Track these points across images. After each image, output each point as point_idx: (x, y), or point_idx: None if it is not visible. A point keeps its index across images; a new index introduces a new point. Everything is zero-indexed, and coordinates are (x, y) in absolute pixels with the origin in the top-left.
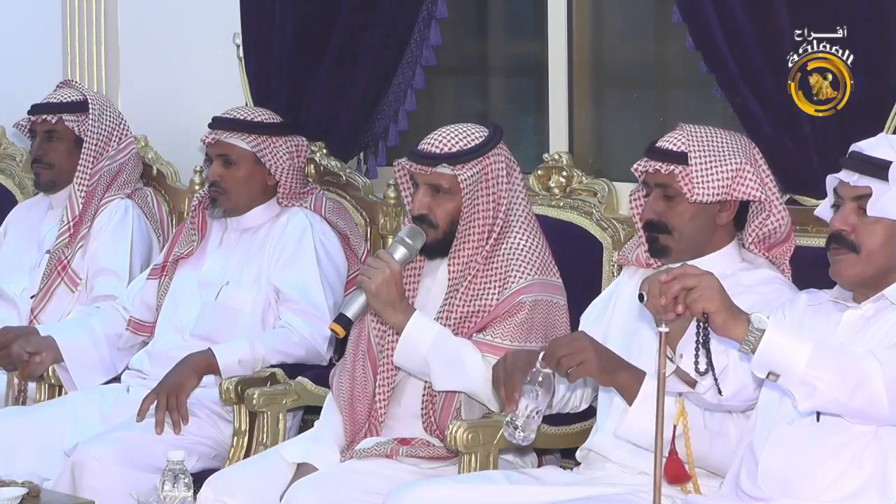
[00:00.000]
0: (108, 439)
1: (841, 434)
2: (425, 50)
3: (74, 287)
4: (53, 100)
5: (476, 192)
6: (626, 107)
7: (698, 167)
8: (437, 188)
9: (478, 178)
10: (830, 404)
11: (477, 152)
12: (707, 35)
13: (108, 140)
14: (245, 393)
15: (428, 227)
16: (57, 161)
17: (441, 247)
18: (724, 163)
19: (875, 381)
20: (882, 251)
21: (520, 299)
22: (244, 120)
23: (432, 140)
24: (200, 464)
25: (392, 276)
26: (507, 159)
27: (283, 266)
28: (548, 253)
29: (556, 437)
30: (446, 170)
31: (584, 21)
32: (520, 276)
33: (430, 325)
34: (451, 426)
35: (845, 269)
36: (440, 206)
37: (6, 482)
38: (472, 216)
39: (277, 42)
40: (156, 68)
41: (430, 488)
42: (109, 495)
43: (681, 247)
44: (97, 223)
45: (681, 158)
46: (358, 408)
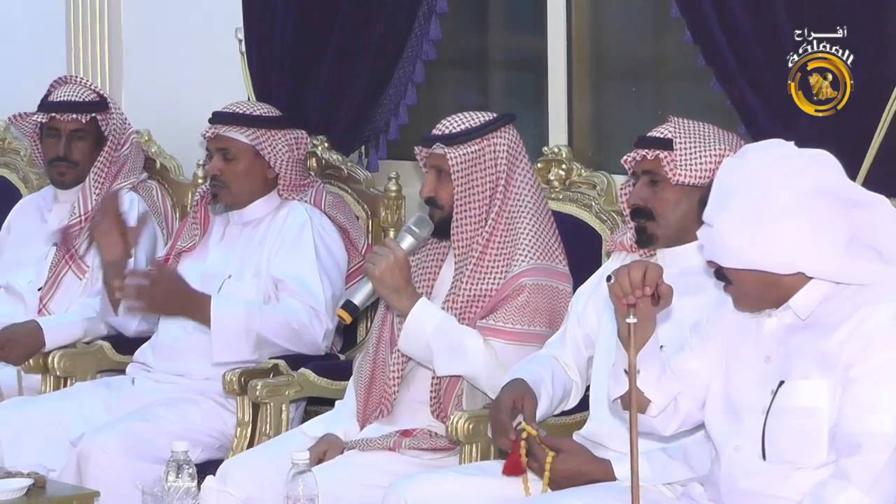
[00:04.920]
0: (113, 430)
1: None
2: (425, 44)
3: (82, 275)
4: (75, 98)
5: (470, 173)
6: (625, 100)
7: (682, 151)
8: (440, 170)
9: (472, 159)
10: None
11: (470, 134)
12: (705, 29)
13: (121, 136)
14: (248, 384)
15: (435, 208)
16: (81, 159)
17: (449, 227)
18: (709, 149)
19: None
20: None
21: (520, 282)
22: (243, 114)
23: (441, 124)
24: (205, 454)
25: (397, 262)
26: (510, 145)
27: (282, 258)
28: (556, 241)
29: (557, 428)
30: (440, 150)
31: (583, 15)
32: (522, 260)
33: (435, 312)
34: (453, 417)
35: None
36: (444, 188)
37: (12, 473)
38: (468, 196)
39: (279, 36)
40: (159, 63)
41: (431, 479)
42: (115, 486)
43: (666, 234)
44: None
45: (666, 144)
46: (374, 391)
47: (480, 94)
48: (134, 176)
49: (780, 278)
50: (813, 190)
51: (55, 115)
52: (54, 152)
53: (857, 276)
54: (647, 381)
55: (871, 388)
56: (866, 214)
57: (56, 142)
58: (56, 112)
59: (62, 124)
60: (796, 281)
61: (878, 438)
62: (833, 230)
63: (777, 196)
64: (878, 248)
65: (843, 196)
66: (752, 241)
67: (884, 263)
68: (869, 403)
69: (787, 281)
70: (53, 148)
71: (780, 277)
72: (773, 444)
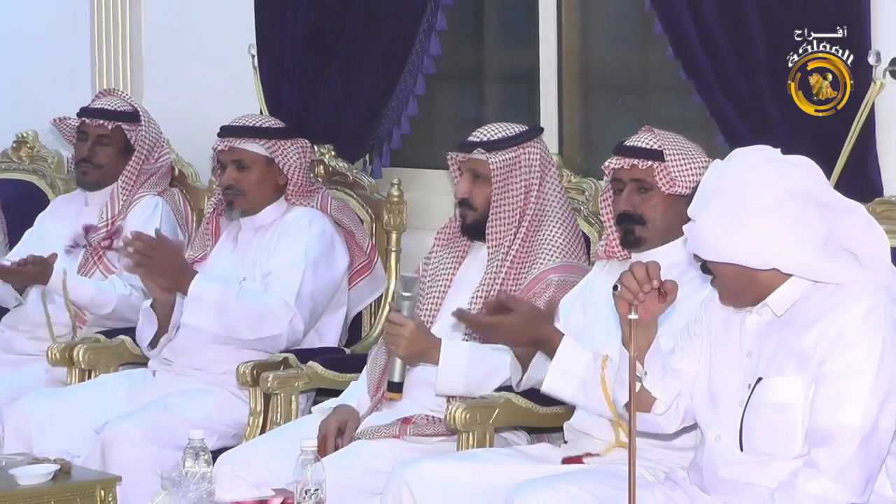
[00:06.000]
0: (135, 419)
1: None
2: (426, 59)
3: (109, 274)
4: (108, 107)
5: (508, 177)
6: (612, 111)
7: (675, 163)
8: (476, 174)
9: (510, 164)
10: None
11: (510, 142)
12: (686, 45)
13: (152, 150)
14: (260, 376)
15: (468, 209)
16: (105, 163)
17: (481, 228)
18: (696, 160)
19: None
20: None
21: (547, 278)
22: (256, 126)
23: (477, 132)
24: (220, 442)
25: (412, 333)
26: (542, 154)
27: (275, 254)
28: (578, 242)
29: (547, 417)
30: (481, 155)
31: (573, 32)
32: (549, 258)
33: (461, 347)
34: (451, 407)
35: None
36: (479, 191)
37: (40, 459)
38: (504, 199)
39: (289, 52)
40: (177, 76)
41: (430, 465)
42: (136, 471)
43: (654, 237)
44: (130, 217)
45: (657, 155)
46: (384, 380)
47: (477, 105)
48: (160, 186)
49: (757, 273)
50: (790, 191)
51: (86, 119)
52: (81, 154)
53: (831, 276)
54: (653, 380)
55: (841, 383)
56: (842, 219)
57: (84, 144)
58: (87, 117)
59: (91, 129)
60: (774, 278)
61: (846, 431)
62: (807, 230)
63: (755, 195)
64: (854, 252)
65: (820, 200)
66: (729, 236)
67: (858, 266)
68: (838, 398)
69: (764, 277)
70: (81, 150)
71: (757, 273)
72: (749, 436)
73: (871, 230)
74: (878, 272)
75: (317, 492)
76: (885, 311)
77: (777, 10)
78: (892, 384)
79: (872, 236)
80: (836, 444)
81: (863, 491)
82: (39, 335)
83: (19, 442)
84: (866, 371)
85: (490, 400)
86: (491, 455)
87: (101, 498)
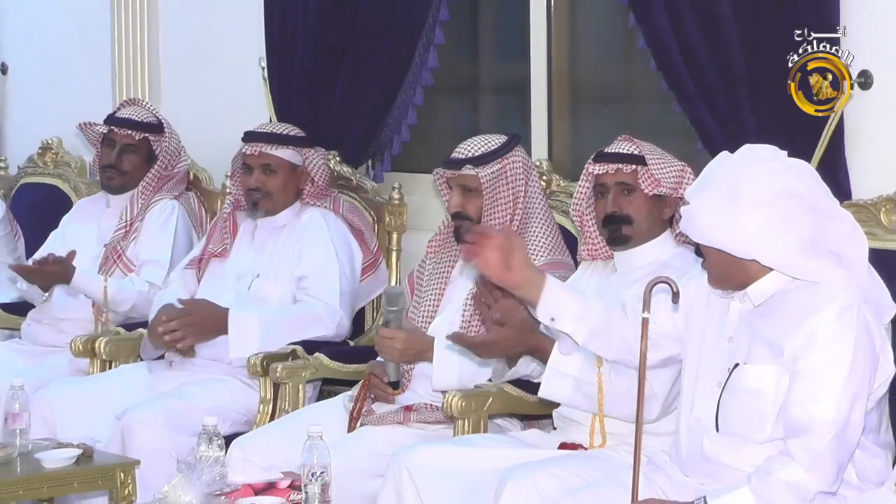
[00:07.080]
0: (153, 406)
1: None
2: (425, 72)
3: (128, 272)
4: (135, 117)
5: (496, 188)
6: (599, 120)
7: (656, 166)
8: (466, 188)
9: (497, 175)
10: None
11: (495, 154)
12: (668, 58)
13: (173, 158)
14: (269, 367)
15: (464, 220)
16: (130, 170)
17: None
18: (673, 163)
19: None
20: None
21: None
22: (285, 134)
23: (460, 149)
24: (232, 428)
25: (403, 342)
26: (524, 161)
27: (305, 258)
28: (560, 239)
29: (538, 405)
30: (471, 171)
31: (561, 46)
32: (535, 257)
33: (452, 349)
34: (448, 396)
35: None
36: (471, 203)
37: (64, 444)
38: (494, 208)
39: (298, 64)
40: (192, 86)
41: (428, 449)
42: (154, 455)
43: (638, 235)
44: (147, 218)
45: (639, 160)
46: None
47: (472, 115)
48: (176, 191)
49: (739, 261)
50: (783, 191)
51: (114, 128)
52: (107, 160)
53: (809, 274)
54: (563, 323)
55: (816, 379)
56: (831, 223)
57: (110, 151)
58: (115, 126)
59: (118, 137)
60: (755, 269)
61: (820, 425)
62: (793, 229)
63: (749, 189)
64: (838, 254)
65: (812, 203)
66: (716, 222)
67: (839, 267)
68: (813, 393)
69: (746, 266)
70: (107, 156)
71: (740, 261)
72: (724, 417)
73: (854, 234)
74: (858, 274)
75: (322, 474)
76: (858, 311)
77: (756, 21)
78: (863, 381)
79: (855, 240)
80: (811, 436)
81: (833, 481)
82: (63, 328)
83: (44, 428)
84: (839, 368)
85: (484, 389)
86: (485, 440)
87: (120, 480)
